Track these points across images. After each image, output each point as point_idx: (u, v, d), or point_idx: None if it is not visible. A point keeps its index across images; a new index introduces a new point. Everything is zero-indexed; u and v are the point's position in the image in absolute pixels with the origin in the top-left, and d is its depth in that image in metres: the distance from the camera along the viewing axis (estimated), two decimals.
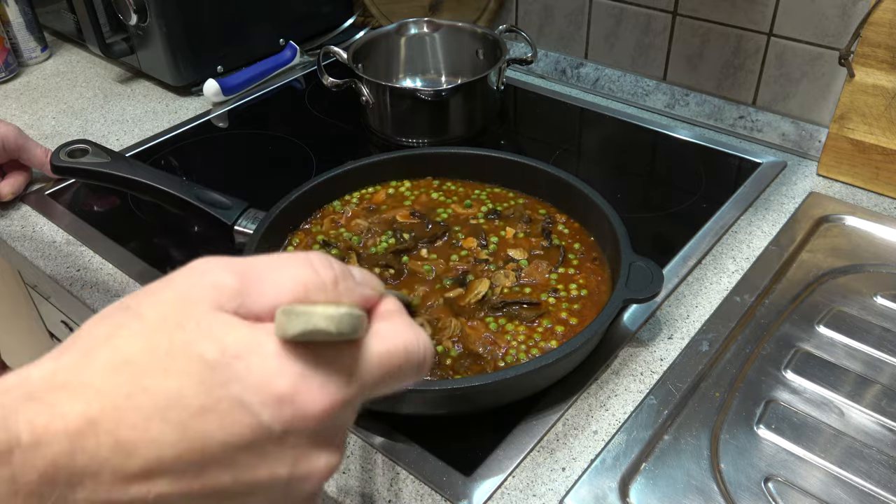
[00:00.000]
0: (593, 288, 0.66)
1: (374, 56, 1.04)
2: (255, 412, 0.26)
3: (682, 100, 1.01)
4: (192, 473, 0.26)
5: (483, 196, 0.77)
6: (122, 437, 0.25)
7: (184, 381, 0.26)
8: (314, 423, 0.28)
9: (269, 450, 0.27)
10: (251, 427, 0.26)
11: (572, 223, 0.73)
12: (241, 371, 0.27)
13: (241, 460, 0.27)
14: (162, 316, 0.27)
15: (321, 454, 0.29)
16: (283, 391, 0.27)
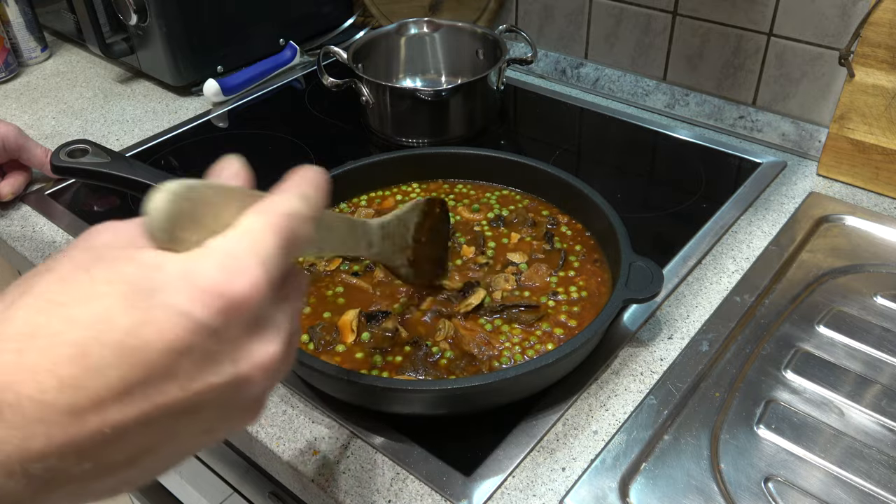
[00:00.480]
0: (593, 290, 0.66)
1: (374, 56, 1.04)
2: (186, 312, 0.26)
3: (682, 100, 1.01)
4: (141, 393, 0.26)
5: (493, 200, 0.77)
6: (63, 374, 0.24)
7: (109, 303, 0.26)
8: (244, 307, 0.28)
9: (209, 348, 0.27)
10: (186, 328, 0.26)
11: (574, 224, 0.73)
12: (162, 279, 0.27)
13: (184, 367, 0.27)
14: (74, 260, 0.28)
15: (259, 343, 0.29)
16: (207, 284, 0.27)
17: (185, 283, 0.27)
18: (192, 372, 0.27)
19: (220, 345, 0.28)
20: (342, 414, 0.59)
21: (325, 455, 0.57)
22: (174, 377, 0.26)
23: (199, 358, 0.27)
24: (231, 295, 0.27)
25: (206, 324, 0.27)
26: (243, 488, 0.77)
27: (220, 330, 0.27)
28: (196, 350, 0.27)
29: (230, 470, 0.77)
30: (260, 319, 0.29)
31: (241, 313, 0.28)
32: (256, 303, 0.28)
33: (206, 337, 0.27)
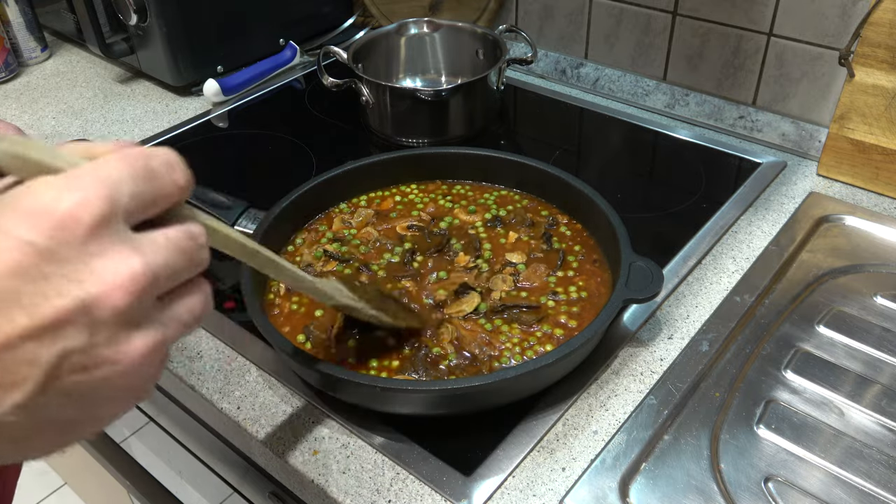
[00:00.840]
0: (593, 290, 0.66)
1: (374, 56, 1.04)
2: (13, 233, 0.26)
3: (682, 100, 1.01)
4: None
5: (490, 201, 0.77)
6: None
7: None
8: (77, 224, 0.27)
9: (46, 270, 0.26)
10: (16, 249, 0.26)
11: (574, 224, 0.73)
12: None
13: (25, 291, 0.26)
14: None
15: (109, 261, 0.28)
16: (35, 205, 0.27)
17: (12, 207, 0.27)
18: (34, 296, 0.26)
19: (59, 266, 0.27)
20: (342, 414, 0.60)
21: (325, 455, 0.57)
22: (16, 303, 0.26)
23: (39, 280, 0.26)
24: (61, 212, 0.27)
25: (36, 243, 0.26)
26: (243, 488, 0.77)
27: (55, 249, 0.26)
28: (32, 272, 0.26)
29: (230, 470, 0.77)
30: (107, 236, 0.28)
31: (75, 230, 0.27)
32: (93, 218, 0.27)
33: (39, 258, 0.26)
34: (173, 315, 0.31)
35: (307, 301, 0.65)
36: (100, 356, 0.28)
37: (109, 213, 0.28)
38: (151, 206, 0.30)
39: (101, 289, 0.27)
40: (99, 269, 0.27)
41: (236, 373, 0.65)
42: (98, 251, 0.27)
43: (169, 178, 0.31)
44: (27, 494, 1.69)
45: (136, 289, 0.28)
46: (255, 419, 0.60)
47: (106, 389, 0.29)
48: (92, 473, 1.22)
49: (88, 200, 0.27)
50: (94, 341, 0.27)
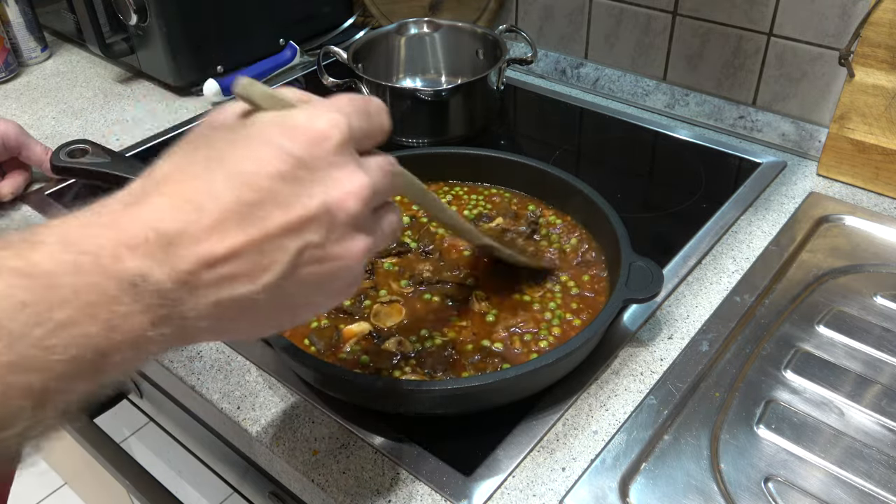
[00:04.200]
0: (593, 289, 0.66)
1: (374, 56, 1.04)
2: (279, 144, 0.33)
3: (682, 100, 1.01)
4: (250, 216, 0.32)
5: (479, 199, 0.77)
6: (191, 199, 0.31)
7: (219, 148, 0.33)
8: (326, 141, 0.33)
9: (301, 176, 0.33)
10: (280, 158, 0.32)
11: (568, 219, 0.73)
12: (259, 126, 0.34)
13: (282, 192, 0.32)
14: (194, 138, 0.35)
15: (344, 174, 0.34)
16: (294, 123, 0.33)
17: (277, 125, 0.33)
18: (289, 197, 0.32)
19: (311, 173, 0.33)
20: (342, 414, 0.60)
21: (325, 455, 0.57)
22: (276, 201, 0.32)
23: (294, 184, 0.32)
24: (315, 130, 0.33)
25: (296, 154, 0.33)
26: (243, 488, 0.77)
27: (308, 160, 0.33)
28: (290, 177, 0.32)
29: (230, 470, 0.77)
30: (345, 155, 0.34)
31: (325, 146, 0.33)
32: (338, 137, 0.34)
33: (297, 166, 0.32)
34: (381, 226, 0.38)
35: None
36: (331, 251, 0.34)
37: (348, 136, 0.34)
38: (367, 140, 0.37)
39: (340, 195, 0.34)
40: (339, 178, 0.34)
41: (236, 373, 0.65)
42: (339, 164, 0.34)
43: (378, 120, 0.38)
44: (27, 494, 1.69)
45: (364, 197, 0.35)
46: (255, 419, 0.60)
47: (329, 281, 0.35)
48: (92, 473, 1.22)
49: (336, 122, 0.34)
50: (330, 237, 0.34)
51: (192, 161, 0.33)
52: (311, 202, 0.33)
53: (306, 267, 0.34)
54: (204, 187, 0.32)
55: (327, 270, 0.35)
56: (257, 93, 0.35)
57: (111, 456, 0.74)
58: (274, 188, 0.32)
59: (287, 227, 0.32)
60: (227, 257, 0.31)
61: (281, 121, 0.34)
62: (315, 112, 0.34)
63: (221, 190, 0.32)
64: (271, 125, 0.34)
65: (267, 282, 0.32)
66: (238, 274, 0.32)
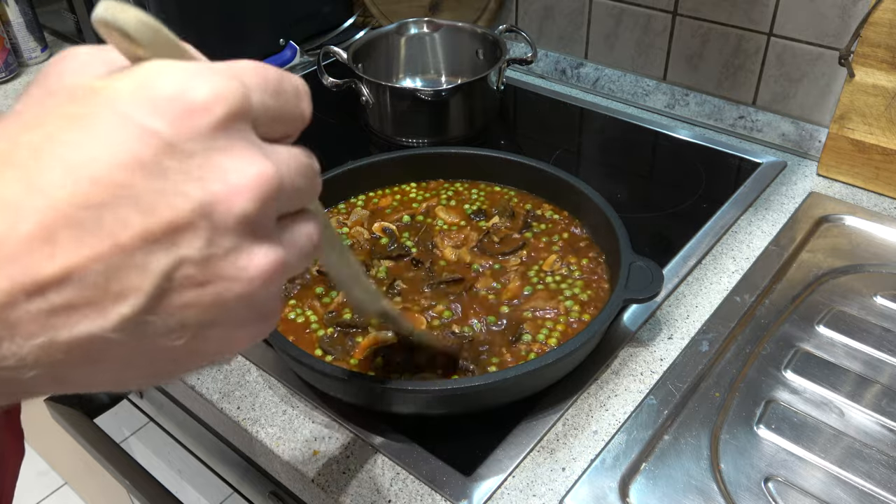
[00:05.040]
0: (593, 289, 0.66)
1: (374, 56, 1.04)
2: (133, 120, 0.23)
3: (682, 100, 1.01)
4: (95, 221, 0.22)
5: (478, 195, 0.77)
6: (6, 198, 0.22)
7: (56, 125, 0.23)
8: (205, 116, 0.24)
9: (166, 163, 0.23)
10: (134, 136, 0.23)
11: (561, 211, 0.74)
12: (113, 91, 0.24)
13: (140, 187, 0.23)
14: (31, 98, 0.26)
15: (232, 163, 0.24)
16: (162, 91, 0.24)
17: (138, 91, 0.24)
18: (151, 194, 0.23)
19: (182, 161, 0.23)
20: (342, 414, 0.59)
21: (325, 455, 0.57)
22: (131, 201, 0.23)
23: (158, 176, 0.23)
24: (191, 100, 0.24)
25: (159, 133, 0.23)
26: (243, 488, 0.77)
27: (179, 142, 0.23)
28: (152, 166, 0.23)
29: (230, 470, 0.77)
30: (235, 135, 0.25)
31: (204, 121, 0.24)
32: (224, 112, 0.24)
33: (162, 150, 0.23)
34: (293, 239, 0.27)
35: (308, 313, 0.65)
36: (216, 270, 0.24)
37: (241, 110, 0.25)
38: (276, 124, 0.27)
39: (225, 189, 0.24)
40: (225, 167, 0.24)
41: (236, 373, 0.65)
42: (226, 147, 0.24)
43: (295, 103, 0.28)
44: (27, 494, 1.69)
45: (262, 193, 0.25)
46: (255, 419, 0.60)
47: (218, 312, 0.25)
48: (92, 473, 1.22)
49: (222, 92, 0.24)
50: (212, 251, 0.24)
51: (14, 143, 0.23)
52: (183, 201, 0.23)
53: (182, 293, 0.24)
54: (26, 181, 0.22)
55: (213, 296, 0.25)
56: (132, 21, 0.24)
57: (111, 456, 0.74)
58: (130, 182, 0.23)
59: (148, 236, 0.23)
60: (58, 281, 0.22)
61: (144, 88, 0.24)
62: (198, 73, 0.24)
63: (53, 185, 0.22)
64: (129, 94, 0.23)
65: (123, 315, 0.23)
66: (78, 304, 0.22)
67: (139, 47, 0.25)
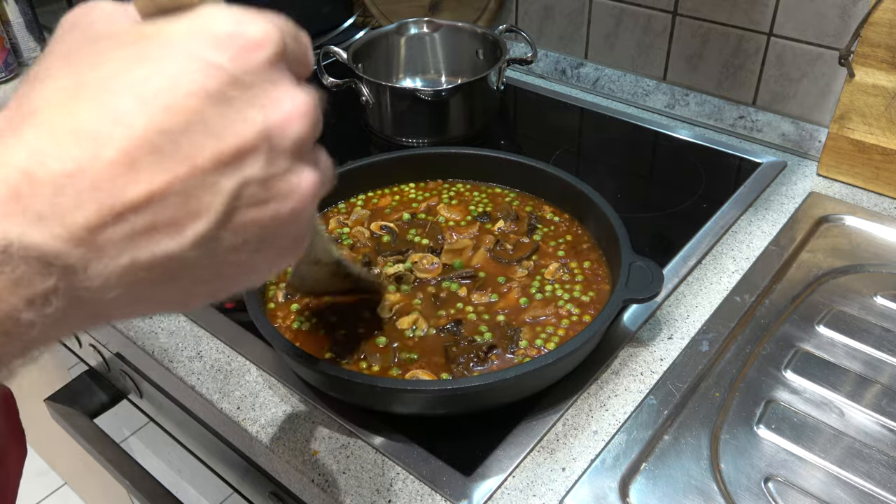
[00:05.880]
0: (594, 289, 0.66)
1: (374, 56, 1.04)
2: (200, 56, 0.25)
3: (682, 100, 1.01)
4: (172, 146, 0.24)
5: (481, 198, 0.77)
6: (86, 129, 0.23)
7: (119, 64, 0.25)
8: (261, 51, 0.26)
9: (231, 94, 0.25)
10: (203, 71, 0.25)
11: (566, 215, 0.74)
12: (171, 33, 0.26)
13: (210, 115, 0.25)
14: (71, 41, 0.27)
15: (283, 94, 0.27)
16: (220, 30, 0.26)
17: (196, 32, 0.26)
18: (220, 121, 0.25)
19: (243, 91, 0.26)
20: (342, 414, 0.59)
21: (325, 455, 0.57)
22: (203, 128, 0.25)
23: (225, 105, 0.25)
24: (247, 38, 0.26)
25: (223, 66, 0.25)
26: (243, 488, 0.77)
27: (240, 75, 0.26)
28: (219, 96, 0.25)
29: (230, 470, 0.77)
30: (282, 71, 0.28)
31: (259, 56, 0.26)
32: (273, 50, 0.27)
33: (225, 82, 0.25)
34: (322, 161, 0.31)
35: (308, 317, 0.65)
36: (276, 188, 0.27)
37: (284, 49, 0.27)
38: (296, 66, 0.29)
39: (282, 116, 0.27)
40: (279, 97, 0.27)
41: (236, 373, 0.65)
42: (277, 80, 0.27)
43: (306, 48, 0.30)
44: (27, 494, 1.69)
45: (310, 119, 0.28)
46: (255, 419, 0.60)
47: (275, 227, 0.28)
48: (92, 473, 1.22)
49: (270, 33, 0.27)
50: (272, 171, 0.27)
51: (81, 80, 0.24)
52: (248, 128, 0.26)
53: (247, 210, 0.26)
54: (103, 112, 0.23)
55: (272, 214, 0.27)
56: None
57: (111, 456, 0.74)
58: (201, 110, 0.25)
59: (221, 159, 0.25)
60: (142, 204, 0.24)
61: (201, 27, 0.26)
62: (244, 17, 0.27)
63: (129, 113, 0.24)
64: (188, 34, 0.25)
65: (199, 233, 0.25)
66: (159, 225, 0.24)
67: (167, 7, 0.27)
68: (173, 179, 0.24)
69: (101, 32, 0.27)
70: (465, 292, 0.65)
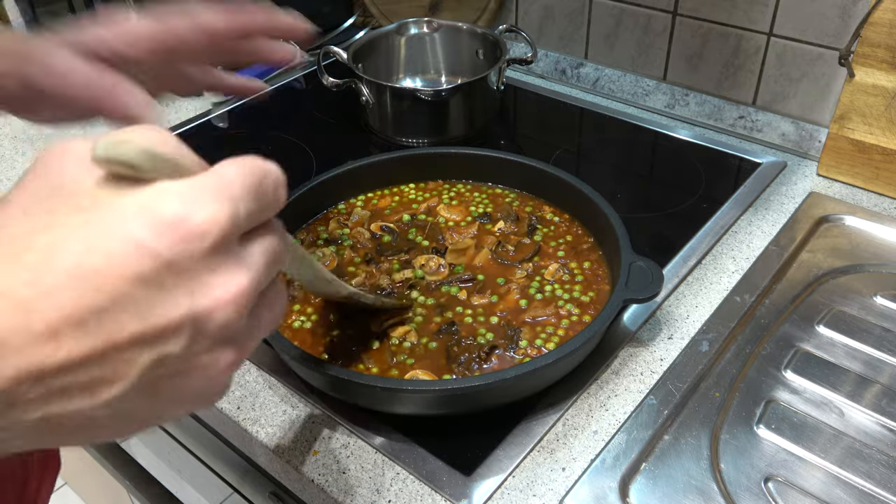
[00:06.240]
0: (593, 288, 0.66)
1: (374, 56, 1.04)
2: (141, 240, 0.26)
3: (682, 100, 1.01)
4: (96, 322, 0.26)
5: (481, 198, 0.77)
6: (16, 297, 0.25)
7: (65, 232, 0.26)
8: (203, 239, 0.27)
9: (164, 280, 0.27)
10: (140, 256, 0.26)
11: (566, 216, 0.74)
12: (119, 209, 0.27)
13: (138, 297, 0.26)
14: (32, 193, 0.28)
15: (220, 277, 0.28)
16: (165, 214, 0.27)
17: (142, 212, 0.27)
18: (146, 304, 0.26)
19: (177, 277, 0.27)
20: (342, 414, 0.60)
21: (325, 455, 0.57)
22: (129, 308, 0.26)
23: (155, 289, 0.27)
24: (190, 226, 0.27)
25: (160, 253, 0.26)
26: (243, 488, 0.77)
27: (177, 262, 0.27)
28: (150, 280, 0.26)
29: (230, 470, 0.77)
30: (224, 254, 0.28)
31: (199, 245, 0.27)
32: (218, 236, 0.28)
33: (161, 267, 0.26)
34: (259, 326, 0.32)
35: (314, 319, 0.65)
36: (194, 363, 0.29)
37: (231, 230, 0.28)
38: (256, 222, 0.31)
39: (211, 303, 0.28)
40: (212, 283, 0.28)
41: (236, 373, 0.65)
42: (214, 266, 0.28)
43: (274, 196, 0.31)
44: None
45: (241, 305, 0.29)
46: (255, 419, 0.60)
47: (187, 392, 0.30)
48: (92, 473, 1.22)
49: (217, 217, 0.28)
50: (194, 350, 0.28)
51: (26, 244, 0.26)
52: (173, 311, 0.27)
53: (161, 381, 0.28)
54: (37, 284, 0.25)
55: (187, 383, 0.29)
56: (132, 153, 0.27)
57: (111, 456, 0.74)
58: (129, 293, 0.26)
59: (140, 338, 0.27)
60: (60, 370, 0.26)
61: (148, 207, 0.27)
62: (195, 198, 0.28)
63: (61, 289, 0.25)
64: (134, 211, 0.27)
65: (112, 396, 0.27)
66: (74, 388, 0.26)
67: (140, 172, 0.28)
68: (92, 352, 0.26)
69: (63, 185, 0.28)
70: (464, 295, 0.65)
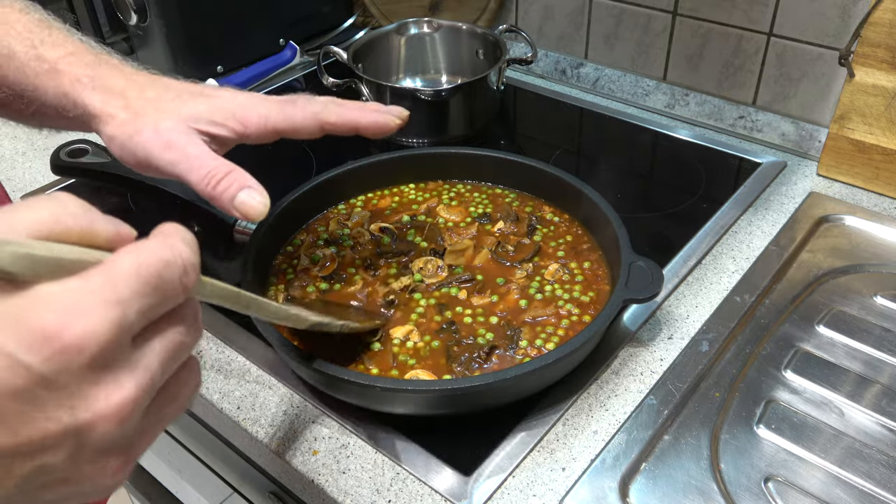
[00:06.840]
0: (592, 288, 0.66)
1: (374, 56, 1.04)
2: (11, 354, 0.25)
3: (682, 100, 1.01)
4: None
5: (481, 199, 0.77)
6: None
7: None
8: (81, 352, 0.26)
9: (39, 394, 0.25)
10: (12, 371, 0.25)
11: (566, 216, 0.74)
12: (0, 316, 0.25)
13: (11, 411, 0.25)
14: None
15: (104, 390, 0.27)
16: (40, 326, 0.25)
17: (15, 325, 0.25)
18: (21, 417, 0.25)
19: (54, 392, 0.25)
20: (342, 414, 0.60)
21: (325, 455, 0.57)
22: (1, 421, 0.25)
23: (29, 404, 0.25)
24: (66, 339, 0.25)
25: (34, 369, 0.25)
26: (243, 488, 0.77)
27: (52, 377, 0.25)
28: (23, 396, 0.25)
29: (230, 470, 0.77)
30: (108, 363, 0.27)
31: (78, 359, 0.26)
32: (99, 347, 0.26)
33: (35, 383, 0.25)
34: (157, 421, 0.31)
35: None
36: (77, 473, 0.28)
37: (115, 339, 0.27)
38: (155, 316, 0.29)
39: (92, 417, 0.27)
40: (93, 395, 0.27)
41: (236, 373, 0.65)
42: (95, 378, 0.27)
43: (180, 284, 0.30)
44: None
45: (126, 414, 0.28)
46: (255, 419, 0.60)
47: (76, 494, 0.29)
48: None
49: (96, 329, 0.26)
50: (76, 461, 0.27)
51: None
52: (51, 426, 0.26)
53: (46, 487, 0.27)
54: None
55: (75, 488, 0.28)
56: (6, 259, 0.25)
57: None
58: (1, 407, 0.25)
59: (13, 450, 0.25)
60: None
61: (20, 320, 0.25)
62: (74, 306, 0.26)
63: None
64: (5, 326, 0.25)
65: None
66: None
67: (19, 277, 0.26)
68: None
69: None
70: (464, 295, 0.65)
